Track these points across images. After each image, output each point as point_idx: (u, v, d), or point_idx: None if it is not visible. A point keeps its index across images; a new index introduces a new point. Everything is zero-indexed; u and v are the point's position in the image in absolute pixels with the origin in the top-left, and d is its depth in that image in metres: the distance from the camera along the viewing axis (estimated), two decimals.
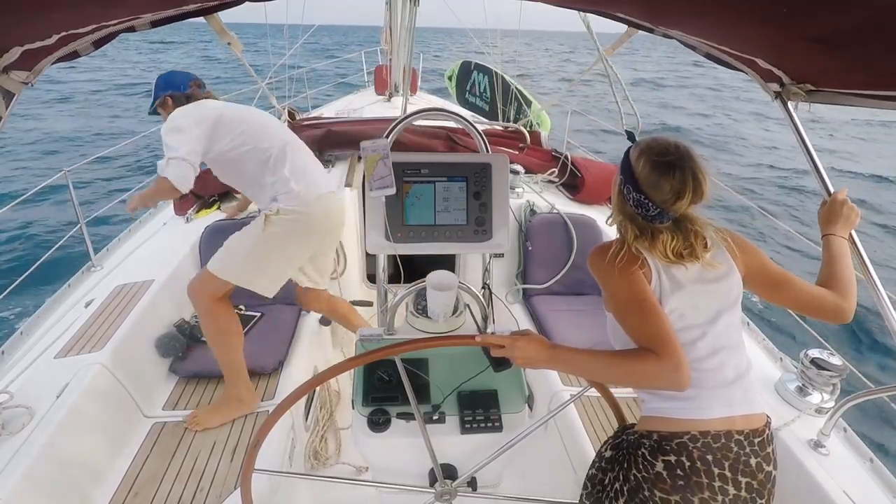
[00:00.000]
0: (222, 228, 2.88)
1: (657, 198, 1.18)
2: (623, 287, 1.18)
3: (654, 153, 1.19)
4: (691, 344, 1.19)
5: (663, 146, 1.20)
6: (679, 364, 1.06)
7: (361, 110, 5.34)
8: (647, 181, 1.19)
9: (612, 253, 1.22)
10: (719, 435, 1.14)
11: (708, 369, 1.18)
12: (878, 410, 4.41)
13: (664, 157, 1.17)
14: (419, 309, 1.78)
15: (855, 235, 1.46)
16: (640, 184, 1.20)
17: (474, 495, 1.49)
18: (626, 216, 1.26)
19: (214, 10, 1.59)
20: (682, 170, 1.16)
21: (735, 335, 1.25)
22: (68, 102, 17.89)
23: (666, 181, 1.16)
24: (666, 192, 1.17)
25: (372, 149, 1.57)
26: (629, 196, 1.23)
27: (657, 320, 1.12)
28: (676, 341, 1.09)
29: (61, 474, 1.70)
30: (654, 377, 1.08)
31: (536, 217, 3.16)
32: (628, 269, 1.19)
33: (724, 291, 1.23)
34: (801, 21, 0.76)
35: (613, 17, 1.43)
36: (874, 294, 1.44)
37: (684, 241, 1.21)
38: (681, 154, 1.18)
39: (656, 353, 1.07)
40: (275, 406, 1.22)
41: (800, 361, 1.96)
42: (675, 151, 1.18)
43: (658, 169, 1.17)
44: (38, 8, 0.80)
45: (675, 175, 1.16)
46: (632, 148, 1.25)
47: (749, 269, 1.29)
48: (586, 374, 1.25)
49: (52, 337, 2.21)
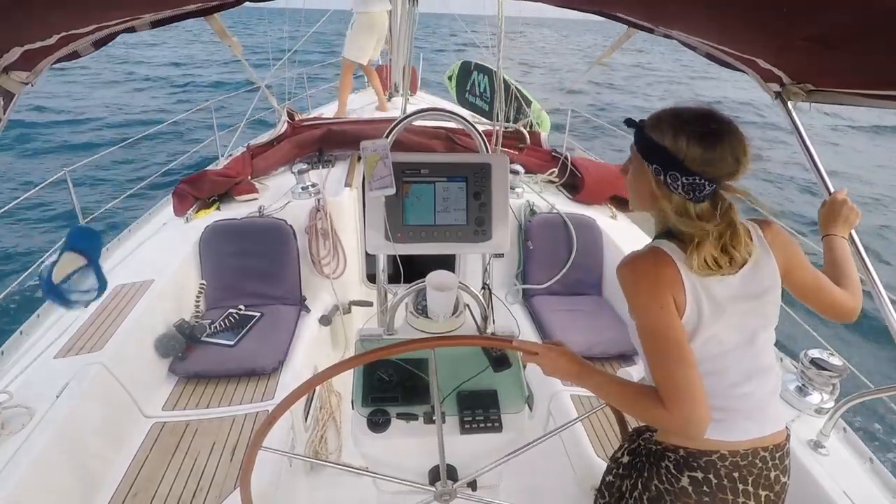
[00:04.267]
0: (222, 228, 2.88)
1: (718, 172, 1.03)
2: (650, 315, 1.06)
3: (696, 125, 1.03)
4: (724, 372, 1.11)
5: (697, 114, 1.05)
6: (687, 421, 0.98)
7: (361, 110, 5.34)
8: (701, 158, 1.02)
9: (643, 268, 1.09)
10: (747, 453, 1.12)
11: (742, 395, 1.12)
12: (877, 411, 4.41)
13: (709, 126, 1.03)
14: (419, 309, 1.78)
15: (855, 235, 1.46)
16: (688, 165, 1.03)
17: (474, 496, 1.49)
18: (674, 210, 1.08)
19: (214, 11, 1.59)
20: (732, 133, 1.03)
21: (770, 352, 1.17)
22: None
23: (723, 149, 1.02)
24: (729, 162, 1.03)
25: (372, 149, 1.57)
26: (676, 184, 1.04)
27: (674, 366, 1.01)
28: (690, 393, 0.99)
29: (61, 474, 1.70)
30: (663, 426, 1.04)
31: (536, 217, 3.16)
32: (660, 293, 1.05)
33: (766, 307, 1.13)
34: (801, 21, 0.76)
35: (613, 18, 1.43)
36: (874, 294, 1.44)
37: (732, 237, 1.06)
38: (719, 117, 1.05)
39: (665, 403, 0.99)
40: (274, 406, 1.21)
41: (799, 361, 1.96)
42: (713, 116, 1.05)
43: (709, 140, 1.02)
44: (39, 8, 0.80)
45: (729, 141, 1.02)
46: (650, 130, 1.08)
47: (787, 269, 1.17)
48: (605, 399, 1.20)
49: (52, 337, 2.21)
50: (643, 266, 1.09)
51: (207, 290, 2.80)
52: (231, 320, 2.66)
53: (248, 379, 2.39)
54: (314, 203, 3.05)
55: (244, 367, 2.40)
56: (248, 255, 2.88)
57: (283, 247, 2.94)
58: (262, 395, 2.29)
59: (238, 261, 2.88)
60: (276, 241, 2.93)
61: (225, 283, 2.85)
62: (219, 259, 2.85)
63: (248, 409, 2.22)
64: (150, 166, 9.65)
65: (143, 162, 10.45)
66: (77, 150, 11.14)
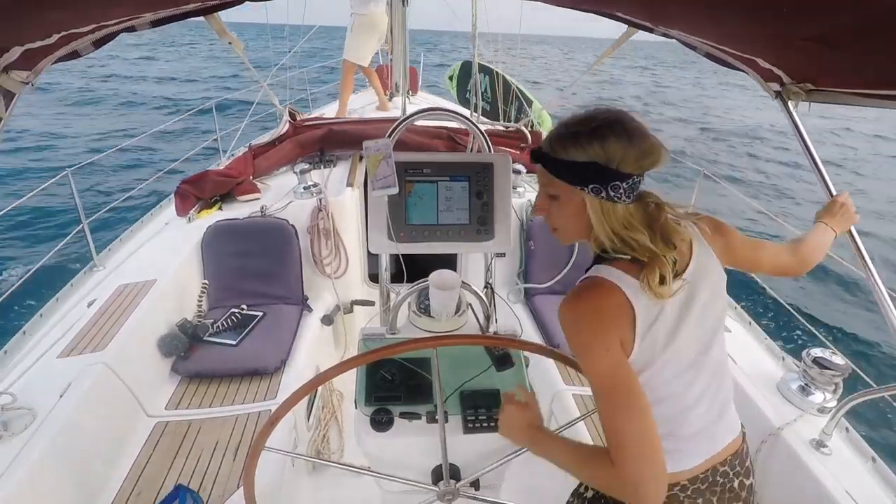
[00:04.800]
0: (224, 228, 2.89)
1: (652, 163, 0.97)
2: (594, 360, 0.93)
3: (616, 124, 0.95)
4: (680, 395, 1.02)
5: (607, 115, 0.97)
6: (636, 484, 0.86)
7: (362, 110, 5.35)
8: (636, 154, 0.94)
9: (585, 307, 0.97)
10: (707, 475, 1.07)
11: (696, 416, 1.04)
12: (880, 410, 4.40)
13: (624, 121, 0.96)
14: (422, 308, 1.78)
15: (855, 234, 1.46)
16: (625, 168, 0.95)
17: (477, 496, 1.49)
18: (622, 223, 0.98)
19: (215, 10, 1.60)
20: (634, 119, 0.97)
21: (722, 361, 1.09)
22: None
23: (646, 136, 0.96)
24: (655, 146, 0.96)
25: (375, 148, 1.57)
26: (619, 193, 0.96)
27: (623, 416, 0.90)
28: (640, 449, 0.88)
29: (64, 474, 1.71)
30: (613, 491, 0.91)
31: (538, 217, 3.16)
32: (604, 334, 0.94)
33: (715, 315, 1.05)
34: (801, 21, 0.76)
35: (613, 17, 1.43)
36: (875, 293, 1.44)
37: (665, 245, 0.97)
38: (622, 111, 0.98)
39: (613, 462, 0.88)
40: (277, 406, 1.22)
41: (802, 361, 1.96)
42: (620, 112, 0.98)
43: (633, 133, 0.95)
44: (39, 8, 0.80)
45: (641, 126, 0.96)
46: (565, 154, 0.98)
47: (727, 254, 1.11)
48: (560, 467, 1.06)
49: (55, 337, 2.22)
50: (585, 304, 0.97)
51: (210, 289, 2.80)
52: (233, 320, 2.67)
53: (251, 378, 2.39)
54: (316, 203, 3.05)
55: (246, 367, 2.40)
56: (250, 254, 2.89)
57: (285, 247, 2.94)
58: (264, 394, 2.30)
59: (240, 261, 2.88)
60: (278, 241, 2.94)
61: (227, 282, 2.85)
62: (221, 259, 2.86)
63: (251, 409, 2.22)
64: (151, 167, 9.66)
65: (144, 162, 10.48)
66: None
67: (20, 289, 2.76)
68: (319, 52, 17.92)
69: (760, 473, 1.84)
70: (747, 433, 1.15)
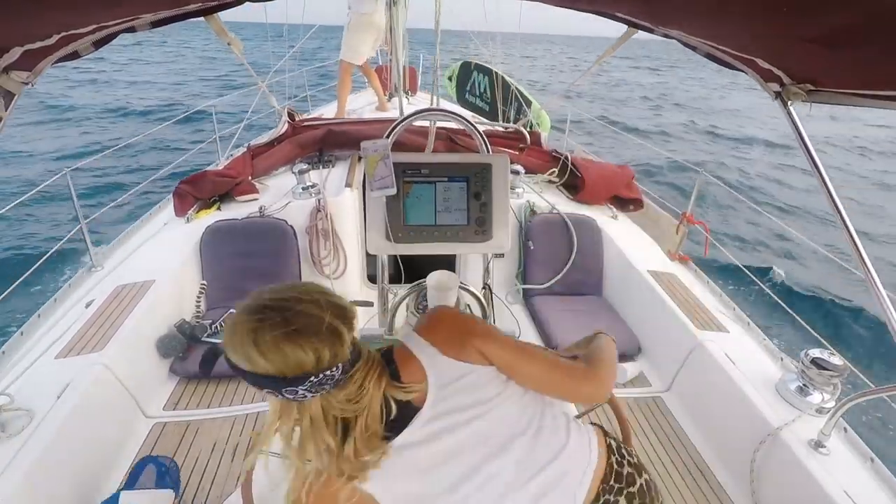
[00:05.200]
0: (222, 229, 2.88)
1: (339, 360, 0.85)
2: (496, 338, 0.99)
3: (267, 312, 0.82)
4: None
5: (251, 306, 0.85)
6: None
7: (361, 110, 5.35)
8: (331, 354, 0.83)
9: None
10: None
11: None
12: (879, 410, 4.41)
13: (263, 311, 0.83)
14: (420, 309, 1.78)
15: (854, 234, 1.45)
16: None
17: None
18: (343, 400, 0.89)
19: (215, 11, 1.59)
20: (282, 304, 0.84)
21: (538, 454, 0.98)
22: None
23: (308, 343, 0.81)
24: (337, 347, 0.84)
25: (373, 149, 1.57)
26: (329, 384, 0.85)
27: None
28: None
29: (62, 475, 1.70)
30: None
31: (537, 217, 3.16)
32: None
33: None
34: (802, 21, 0.76)
35: (613, 17, 1.43)
36: (874, 294, 1.44)
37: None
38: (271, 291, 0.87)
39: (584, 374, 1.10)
40: None
41: (800, 361, 1.96)
42: (260, 297, 0.86)
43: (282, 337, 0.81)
44: (39, 8, 0.80)
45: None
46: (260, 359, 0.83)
47: None
48: None
49: (53, 337, 2.22)
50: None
51: (208, 290, 2.80)
52: None
53: None
54: (314, 203, 3.05)
55: None
56: (248, 255, 2.89)
57: (284, 247, 2.94)
58: (262, 395, 2.29)
59: (239, 261, 2.88)
60: (276, 242, 2.93)
61: (225, 283, 2.85)
62: (219, 259, 2.86)
63: (249, 410, 2.22)
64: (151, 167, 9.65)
65: (144, 162, 10.46)
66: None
67: (19, 289, 2.75)
68: (319, 52, 17.89)
69: (759, 474, 1.84)
70: (746, 433, 1.14)
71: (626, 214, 3.64)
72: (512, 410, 0.97)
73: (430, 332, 0.99)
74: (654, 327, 2.66)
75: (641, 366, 2.57)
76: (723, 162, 13.05)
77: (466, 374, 0.95)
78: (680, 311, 2.52)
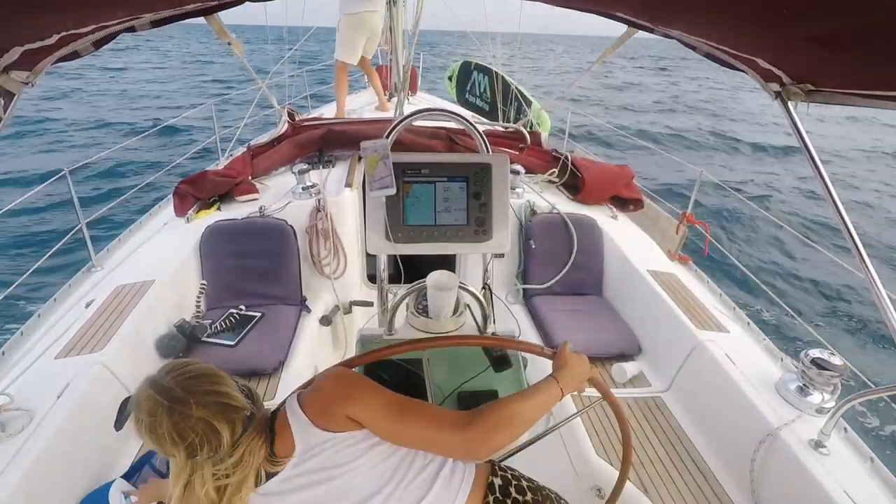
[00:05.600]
0: (222, 229, 2.88)
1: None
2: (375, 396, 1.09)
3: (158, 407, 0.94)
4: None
5: (145, 403, 0.96)
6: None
7: (361, 110, 5.35)
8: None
9: None
10: None
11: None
12: (878, 410, 4.41)
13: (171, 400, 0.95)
14: (419, 309, 1.78)
15: (854, 234, 1.45)
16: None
17: None
18: None
19: (215, 11, 1.59)
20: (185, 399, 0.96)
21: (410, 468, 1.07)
22: None
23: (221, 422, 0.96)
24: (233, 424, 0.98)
25: (372, 149, 1.57)
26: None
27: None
28: None
29: (61, 475, 1.70)
30: None
31: (537, 217, 3.17)
32: None
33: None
34: (802, 21, 0.76)
35: (613, 17, 1.43)
36: (874, 294, 1.44)
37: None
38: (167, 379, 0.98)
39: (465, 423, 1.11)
40: (275, 406, 1.21)
41: (800, 361, 1.96)
42: (160, 385, 0.97)
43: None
44: (39, 8, 0.80)
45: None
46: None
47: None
48: None
49: (53, 337, 2.22)
50: None
51: (208, 290, 2.80)
52: (232, 320, 2.66)
53: (249, 379, 2.39)
54: (314, 203, 3.05)
55: (245, 368, 2.40)
56: (248, 255, 2.89)
57: (284, 247, 2.94)
58: (262, 395, 2.29)
59: (238, 261, 2.88)
60: (276, 242, 2.93)
61: (225, 283, 2.85)
62: (219, 259, 2.86)
63: None
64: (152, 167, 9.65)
65: (144, 162, 10.46)
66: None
67: (18, 289, 2.76)
68: (318, 53, 17.87)
69: (759, 474, 1.84)
70: (746, 433, 1.14)
71: (626, 214, 3.64)
72: (371, 472, 1.03)
73: (308, 402, 1.06)
74: (654, 327, 2.66)
75: (641, 366, 2.57)
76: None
77: (327, 442, 1.02)
78: (680, 310, 2.52)
